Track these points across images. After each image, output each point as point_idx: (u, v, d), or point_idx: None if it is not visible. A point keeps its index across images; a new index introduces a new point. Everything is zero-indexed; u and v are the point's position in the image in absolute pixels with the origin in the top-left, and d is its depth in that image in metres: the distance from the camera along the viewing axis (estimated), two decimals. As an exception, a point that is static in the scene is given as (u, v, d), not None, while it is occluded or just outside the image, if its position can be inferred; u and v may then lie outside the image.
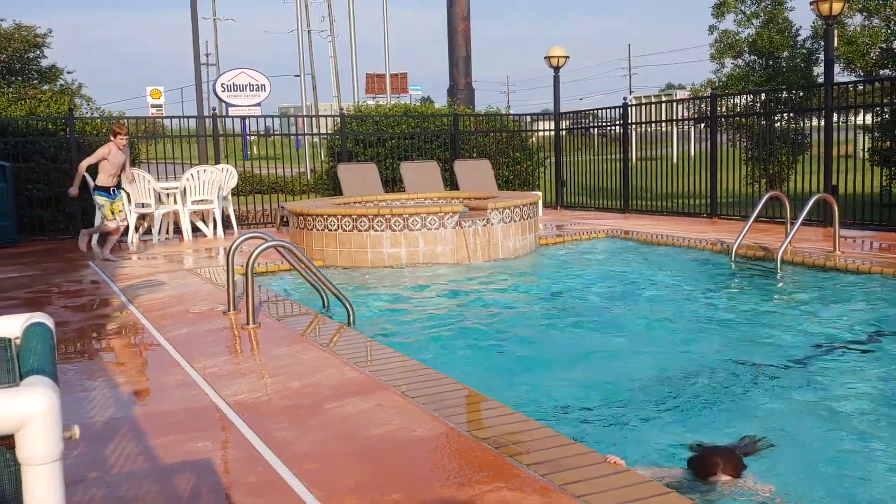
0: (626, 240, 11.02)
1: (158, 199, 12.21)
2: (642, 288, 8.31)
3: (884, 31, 16.23)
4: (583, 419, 4.51)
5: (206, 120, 15.32)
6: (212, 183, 12.26)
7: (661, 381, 5.13)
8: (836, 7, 11.09)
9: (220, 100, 21.97)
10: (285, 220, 12.67)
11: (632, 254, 10.28)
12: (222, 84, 22.21)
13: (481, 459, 3.39)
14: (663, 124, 15.51)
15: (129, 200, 11.96)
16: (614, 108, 15.44)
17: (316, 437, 3.75)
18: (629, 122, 15.16)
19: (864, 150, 12.74)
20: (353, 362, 4.95)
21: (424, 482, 3.21)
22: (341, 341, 5.53)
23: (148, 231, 12.47)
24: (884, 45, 16.18)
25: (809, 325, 6.47)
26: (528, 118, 17.46)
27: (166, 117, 17.10)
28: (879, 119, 12.42)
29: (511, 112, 17.45)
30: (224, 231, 12.71)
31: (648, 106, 15.71)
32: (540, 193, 13.88)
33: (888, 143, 13.01)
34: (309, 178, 19.32)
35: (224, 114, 18.46)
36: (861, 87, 11.95)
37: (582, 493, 3.00)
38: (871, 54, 16.08)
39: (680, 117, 15.03)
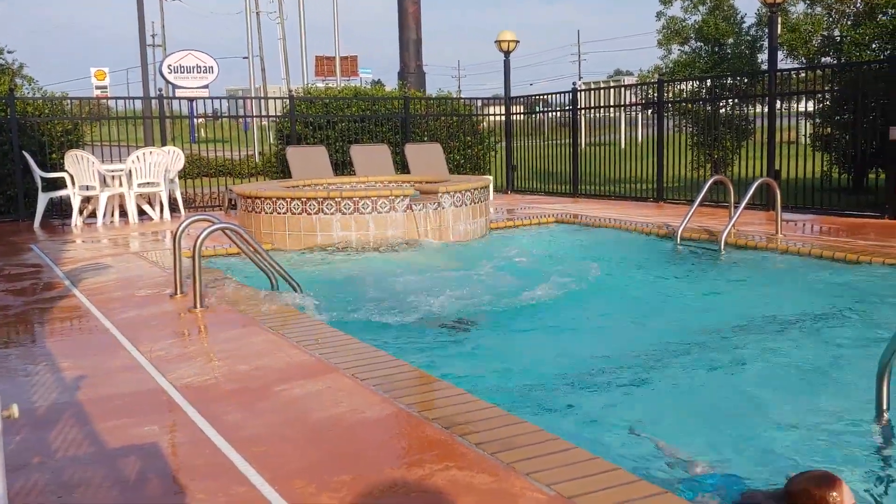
0: (575, 224, 11.12)
1: (103, 182, 11.97)
2: (590, 270, 8.41)
3: (825, 19, 16.58)
4: (530, 398, 4.56)
5: (153, 101, 15.04)
6: (158, 165, 12.05)
7: (607, 360, 5.21)
8: (780, -5, 11.28)
9: (167, 81, 21.58)
10: (233, 203, 12.53)
11: (581, 237, 10.39)
12: (169, 65, 21.81)
13: (431, 439, 3.42)
14: (612, 110, 15.66)
15: (73, 183, 11.72)
16: (564, 93, 15.54)
17: (264, 420, 3.73)
18: (578, 107, 15.27)
19: (805, 136, 13.02)
20: (302, 345, 4.93)
21: (374, 463, 3.22)
22: (290, 324, 5.50)
23: (92, 214, 12.22)
24: (825, 33, 16.53)
25: (750, 306, 6.62)
26: (479, 102, 17.49)
27: (111, 98, 16.75)
28: (821, 106, 12.70)
29: (462, 96, 17.44)
30: (171, 214, 12.51)
31: (597, 91, 15.84)
32: (491, 178, 13.94)
33: (829, 129, 13.32)
34: (257, 160, 19.12)
35: (171, 95, 18.16)
36: (803, 75, 12.20)
37: (530, 470, 3.04)
38: (813, 42, 16.42)
39: (628, 103, 15.18)
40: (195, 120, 22.61)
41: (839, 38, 16.21)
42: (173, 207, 12.79)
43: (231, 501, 2.91)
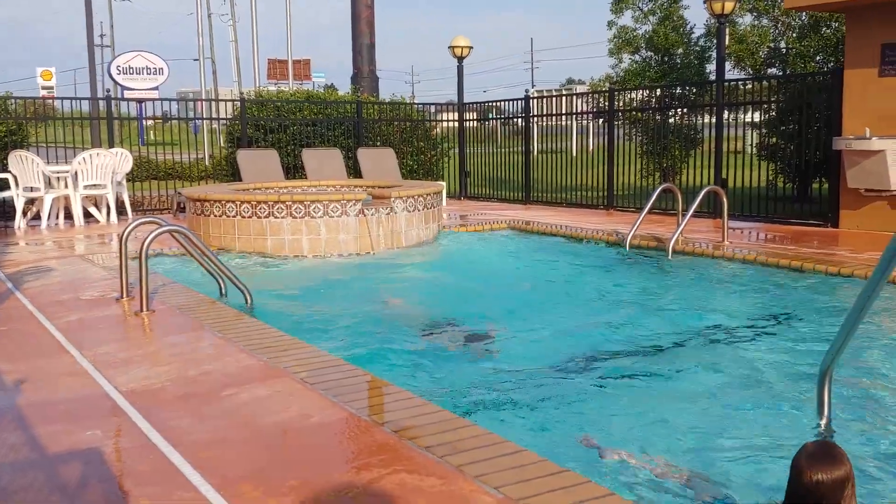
0: (526, 231, 11.19)
1: (48, 184, 11.72)
2: (540, 276, 8.48)
3: (772, 31, 16.94)
4: (477, 402, 4.57)
5: (100, 102, 14.77)
6: (105, 167, 11.84)
7: (555, 364, 5.24)
8: (728, 6, 11.51)
9: (116, 83, 21.20)
10: (182, 206, 12.35)
11: (532, 243, 10.46)
12: (118, 66, 21.43)
13: (380, 443, 3.40)
14: (564, 118, 15.80)
15: (17, 184, 11.45)
16: (516, 100, 15.63)
17: (212, 425, 3.68)
18: (531, 114, 15.38)
19: (752, 145, 13.28)
20: (251, 349, 4.88)
21: (323, 467, 3.19)
22: (239, 328, 5.44)
23: (37, 216, 11.95)
24: (771, 45, 16.89)
25: (695, 311, 6.73)
26: (433, 108, 17.50)
27: (57, 98, 16.41)
28: (766, 116, 12.97)
29: (415, 101, 17.45)
30: (118, 217, 12.30)
31: (550, 99, 15.97)
32: (444, 183, 13.95)
33: (774, 139, 13.59)
34: (207, 164, 18.88)
35: (119, 96, 17.86)
36: (750, 85, 12.44)
37: (479, 473, 3.05)
38: (760, 53, 16.76)
39: (579, 111, 15.34)
40: (144, 122, 22.27)
41: (785, 49, 16.58)
42: (120, 210, 12.57)
43: (176, 507, 2.86)
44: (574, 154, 15.98)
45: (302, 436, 3.53)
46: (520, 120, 15.65)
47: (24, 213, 11.66)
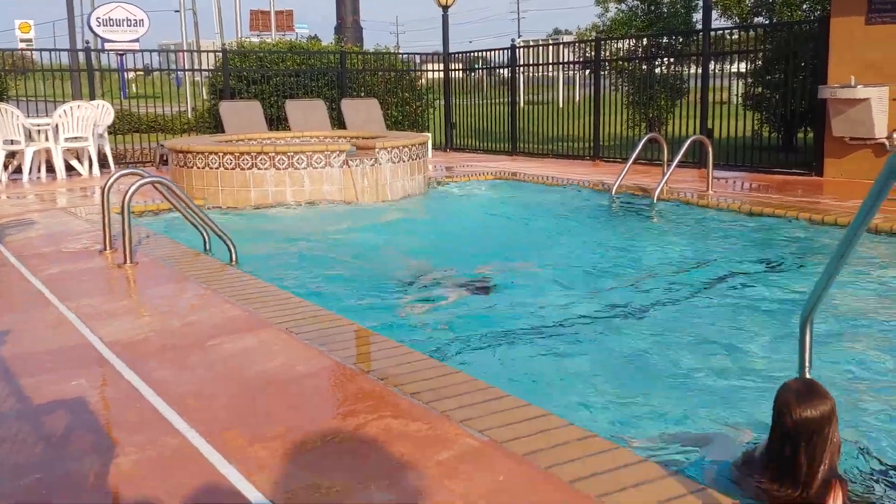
0: (513, 181, 11.16)
1: (29, 137, 11.57)
2: (526, 227, 8.49)
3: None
4: (465, 350, 4.59)
5: (80, 54, 14.51)
6: (86, 119, 11.69)
7: (541, 311, 5.27)
8: (715, -47, 11.37)
9: (96, 35, 20.83)
10: (165, 158, 12.24)
11: (519, 194, 10.44)
12: (97, 18, 21.05)
13: (366, 391, 3.42)
14: (550, 69, 15.67)
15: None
16: (503, 49, 15.48)
17: (197, 375, 3.69)
18: (517, 64, 15.24)
19: (737, 95, 13.23)
20: (236, 300, 4.87)
21: (308, 414, 3.21)
22: (223, 280, 5.43)
23: (18, 170, 11.82)
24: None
25: (680, 260, 6.76)
26: (418, 58, 17.31)
27: (36, 50, 16.13)
28: (753, 65, 12.90)
29: (400, 52, 17.25)
30: (100, 170, 12.18)
31: (536, 49, 15.81)
32: (429, 135, 13.86)
33: (760, 88, 13.54)
34: (190, 116, 18.66)
35: (99, 48, 17.56)
36: (736, 35, 12.36)
37: (464, 417, 3.07)
38: (747, 2, 16.60)
39: (565, 61, 15.22)
40: (125, 75, 21.94)
41: (772, -2, 16.42)
42: (103, 163, 12.44)
43: (162, 454, 2.87)
44: (560, 105, 15.87)
45: (287, 384, 3.54)
46: (506, 70, 15.51)
47: (6, 167, 11.53)
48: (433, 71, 17.20)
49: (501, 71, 15.75)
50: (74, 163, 12.13)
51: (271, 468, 2.74)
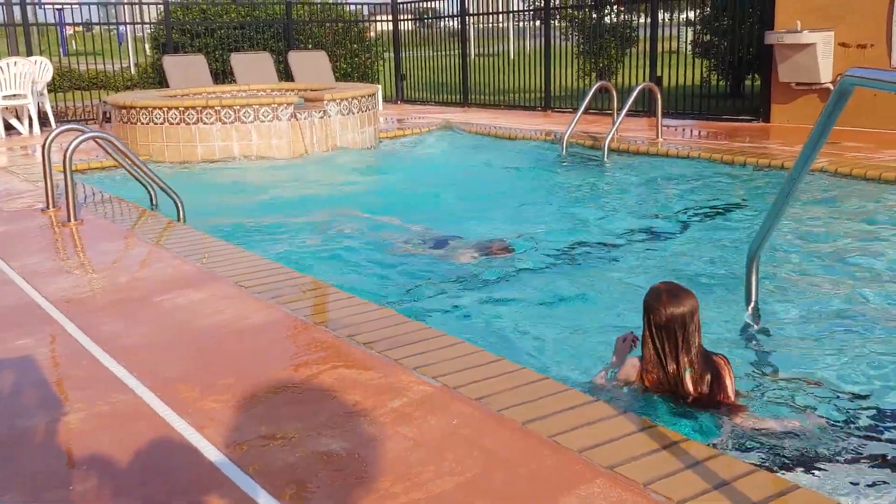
0: (465, 132, 11.10)
1: (-38, 94, 11.18)
2: (479, 176, 8.47)
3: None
4: (419, 300, 4.59)
5: (15, 8, 13.98)
6: (24, 76, 11.31)
7: (494, 262, 5.28)
8: None
9: (29, -14, 20.09)
10: (108, 115, 11.92)
11: (470, 145, 10.40)
12: (30, -31, 20.26)
13: (319, 341, 3.41)
14: (501, 20, 15.53)
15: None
16: (451, -1, 15.29)
17: (145, 330, 3.64)
18: (467, 13, 15.08)
19: (686, 43, 13.28)
20: (184, 255, 4.80)
21: (259, 366, 3.19)
22: (171, 235, 5.34)
23: (-47, 129, 11.44)
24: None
25: (631, 207, 6.81)
26: (366, 9, 17.03)
27: (-34, 4, 15.45)
28: (701, 13, 12.94)
29: (348, 1, 16.93)
30: (41, 128, 11.83)
31: (485, -2, 15.64)
32: (379, 86, 13.70)
33: (709, 35, 13.59)
34: (133, 72, 18.17)
35: (35, 1, 16.93)
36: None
37: (417, 365, 3.08)
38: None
39: (516, 9, 15.10)
40: (64, 30, 21.24)
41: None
42: (43, 122, 12.09)
43: (112, 410, 2.83)
44: (512, 56, 15.79)
45: (238, 337, 3.51)
46: (456, 20, 15.33)
47: (-60, 126, 11.15)
48: (382, 21, 16.94)
49: (452, 21, 15.56)
50: (14, 121, 11.77)
51: (223, 420, 2.71)
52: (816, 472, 2.66)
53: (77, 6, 16.35)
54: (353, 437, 2.56)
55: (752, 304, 3.91)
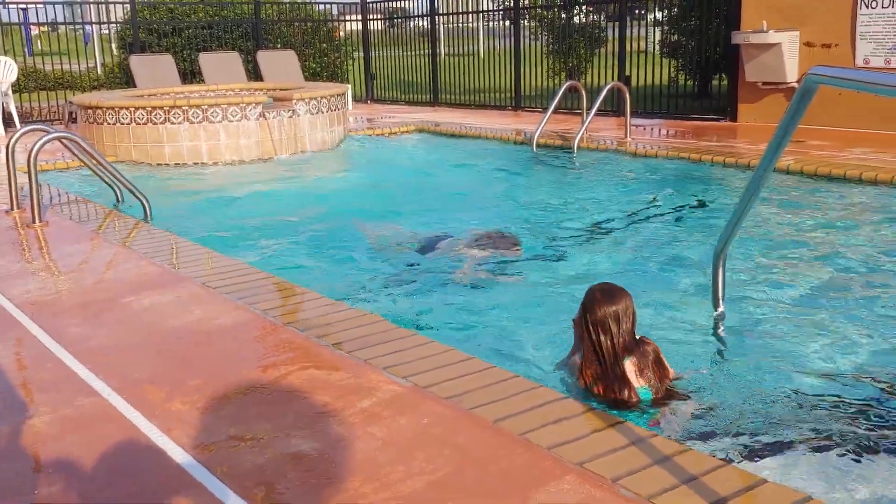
0: (435, 132, 11.10)
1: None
2: (448, 176, 8.48)
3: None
4: (388, 299, 4.58)
5: (-24, 6, 13.76)
6: (-14, 76, 11.15)
7: (460, 262, 5.28)
8: None
9: (-7, -14, 19.80)
10: (74, 116, 11.77)
11: (440, 144, 10.40)
12: (-6, -33, 19.96)
13: (288, 342, 3.39)
14: (470, 19, 15.53)
15: None
16: (421, -2, 15.28)
17: (112, 332, 3.60)
18: (437, 13, 15.08)
19: (654, 43, 13.37)
20: (151, 257, 4.75)
21: (228, 367, 3.16)
22: (138, 237, 5.29)
23: (-86, 130, 11.24)
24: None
25: (599, 206, 6.85)
26: (335, 9, 16.97)
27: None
28: (669, 13, 13.04)
29: (317, 1, 16.85)
30: (5, 129, 11.66)
31: (455, -2, 15.65)
32: (349, 85, 13.66)
33: (676, 35, 13.70)
34: (100, 72, 17.97)
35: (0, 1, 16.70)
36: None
37: (387, 365, 3.07)
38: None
39: (485, 9, 15.12)
40: (29, 30, 20.95)
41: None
42: (8, 122, 11.91)
43: (78, 413, 2.80)
44: (482, 56, 15.81)
45: (206, 338, 3.48)
46: (426, 20, 15.33)
47: None
48: (352, 21, 16.89)
49: (421, 21, 15.55)
50: (-24, 121, 11.59)
51: (191, 422, 2.69)
52: (780, 462, 2.68)
53: (42, 6, 16.15)
54: (323, 438, 2.55)
55: (719, 302, 3.95)
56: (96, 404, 2.85)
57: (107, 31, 18.54)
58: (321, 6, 16.72)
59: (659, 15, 13.39)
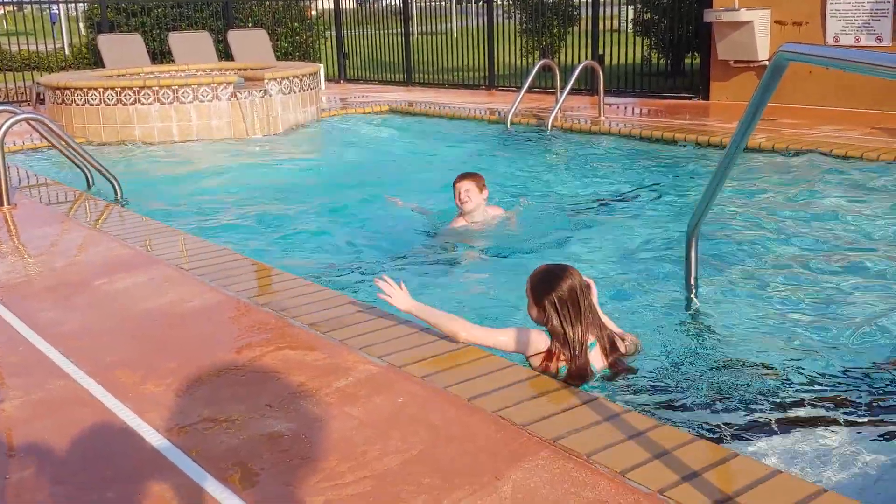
0: (409, 112, 11.05)
1: None
2: (423, 156, 8.45)
3: None
4: (359, 280, 4.57)
5: (-62, -15, 13.46)
6: (-50, 56, 10.93)
7: (433, 234, 5.29)
8: None
9: (-46, -37, 19.40)
10: (42, 97, 11.59)
11: (414, 124, 10.36)
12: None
13: (263, 323, 3.37)
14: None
15: None
16: (393, -23, 15.16)
17: (83, 315, 3.56)
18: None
19: (627, 21, 13.38)
20: (123, 239, 4.70)
21: (203, 349, 3.15)
22: (109, 218, 5.23)
23: None
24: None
25: (574, 185, 6.87)
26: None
27: None
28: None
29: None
30: (-30, 110, 11.45)
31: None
32: (321, 64, 13.55)
33: (649, 14, 13.71)
34: (67, 53, 17.68)
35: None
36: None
37: (363, 345, 3.07)
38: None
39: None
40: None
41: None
42: (-27, 103, 11.71)
43: (49, 396, 2.77)
44: (455, 35, 15.74)
45: (180, 320, 3.46)
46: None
47: None
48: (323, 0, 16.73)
49: (394, 0, 15.44)
50: (-59, 103, 11.38)
51: (165, 405, 2.68)
52: (749, 436, 2.72)
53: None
54: (299, 418, 2.55)
55: (692, 281, 3.98)
56: (68, 388, 2.83)
57: (74, 11, 18.25)
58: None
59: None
